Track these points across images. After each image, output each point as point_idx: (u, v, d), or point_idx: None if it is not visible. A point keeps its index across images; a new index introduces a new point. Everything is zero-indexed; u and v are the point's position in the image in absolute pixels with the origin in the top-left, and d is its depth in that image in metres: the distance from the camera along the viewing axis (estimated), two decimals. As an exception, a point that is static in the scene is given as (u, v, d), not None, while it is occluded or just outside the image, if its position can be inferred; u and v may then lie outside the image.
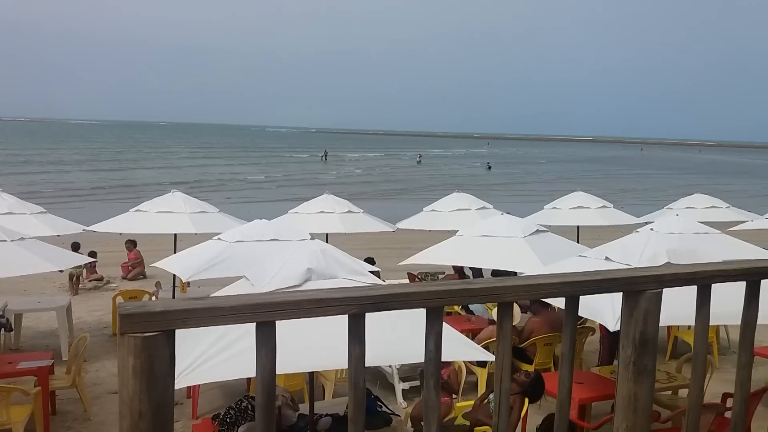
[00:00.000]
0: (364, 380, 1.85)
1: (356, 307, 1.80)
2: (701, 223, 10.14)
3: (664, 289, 2.27)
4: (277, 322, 1.70)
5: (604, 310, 5.06)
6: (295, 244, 6.97)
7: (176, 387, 3.65)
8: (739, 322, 2.50)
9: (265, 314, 1.68)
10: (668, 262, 5.50)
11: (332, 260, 4.53)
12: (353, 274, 4.49)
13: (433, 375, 1.93)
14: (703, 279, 2.37)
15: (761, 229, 13.59)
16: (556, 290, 2.13)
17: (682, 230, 9.36)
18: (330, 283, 4.37)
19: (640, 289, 2.23)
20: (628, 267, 5.52)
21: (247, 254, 6.55)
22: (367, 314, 1.80)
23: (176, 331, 1.56)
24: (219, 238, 7.28)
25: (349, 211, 10.41)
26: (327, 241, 10.99)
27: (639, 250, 5.58)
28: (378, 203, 31.85)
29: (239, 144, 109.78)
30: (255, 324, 1.68)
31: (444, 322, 2.04)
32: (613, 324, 4.80)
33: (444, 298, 1.91)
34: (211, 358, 3.60)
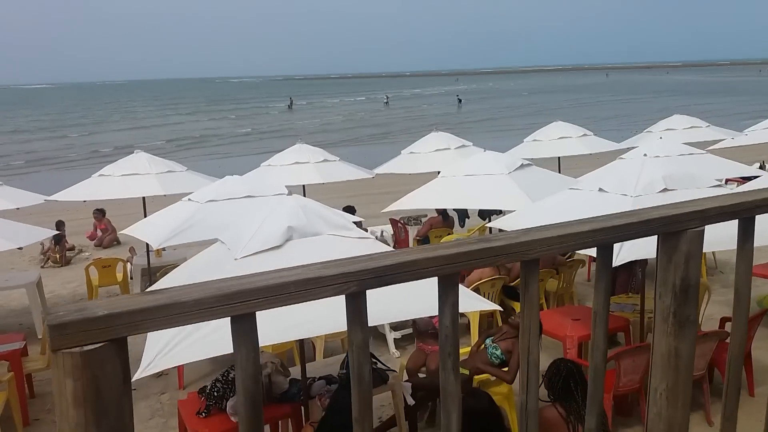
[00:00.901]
0: (370, 372, 1.52)
1: (355, 284, 1.45)
2: (684, 144, 9.98)
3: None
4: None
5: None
6: (271, 200, 6.61)
7: (150, 372, 3.38)
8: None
9: (241, 305, 1.33)
10: (665, 188, 5.25)
11: (314, 215, 4.17)
12: (338, 229, 4.14)
13: (450, 355, 1.61)
14: (746, 211, 2.06)
15: (742, 145, 13.50)
16: (588, 239, 1.79)
17: (668, 153, 9.16)
18: (314, 241, 4.03)
19: (680, 229, 1.91)
20: (662, 205, 5.30)
21: (221, 214, 6.14)
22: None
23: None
24: (189, 199, 6.84)
25: (324, 160, 9.96)
26: (304, 193, 10.68)
27: (634, 178, 5.31)
28: (352, 149, 31.24)
29: (205, 97, 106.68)
30: (229, 318, 1.33)
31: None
32: (614, 259, 4.54)
33: (460, 262, 1.57)
34: (189, 336, 3.27)
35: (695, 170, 7.87)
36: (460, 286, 4.51)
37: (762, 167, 14.15)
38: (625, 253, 4.80)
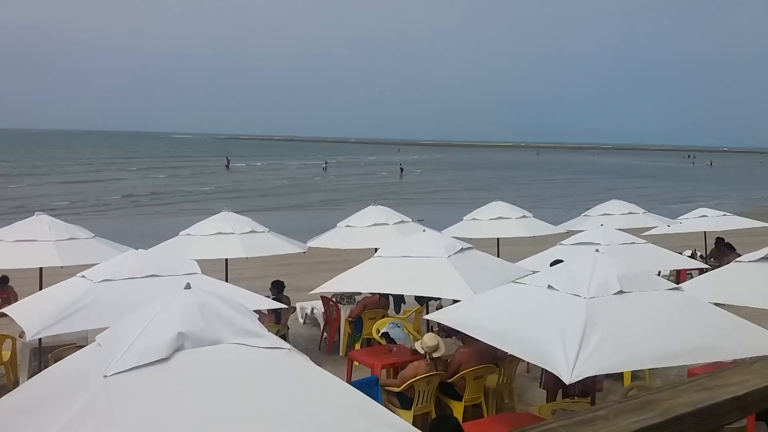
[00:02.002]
0: None
1: None
2: (620, 230, 9.80)
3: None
4: None
5: (553, 354, 4.18)
6: (178, 282, 5.77)
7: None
8: None
9: None
10: (621, 290, 4.74)
11: (214, 317, 3.38)
12: (244, 336, 3.35)
13: None
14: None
15: (678, 233, 13.59)
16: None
17: (609, 242, 8.91)
18: (212, 353, 3.23)
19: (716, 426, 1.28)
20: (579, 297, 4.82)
21: (115, 298, 5.25)
22: None
23: None
24: (83, 276, 5.90)
25: (251, 231, 9.15)
26: (226, 267, 9.81)
27: (587, 278, 4.79)
28: (285, 216, 30.33)
29: (137, 152, 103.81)
30: None
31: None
32: (569, 373, 3.92)
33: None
34: None
35: (641, 263, 7.62)
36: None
37: (693, 255, 14.25)
38: (526, 351, 4.34)
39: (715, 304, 5.80)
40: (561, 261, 6.35)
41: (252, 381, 3.13)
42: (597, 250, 5.25)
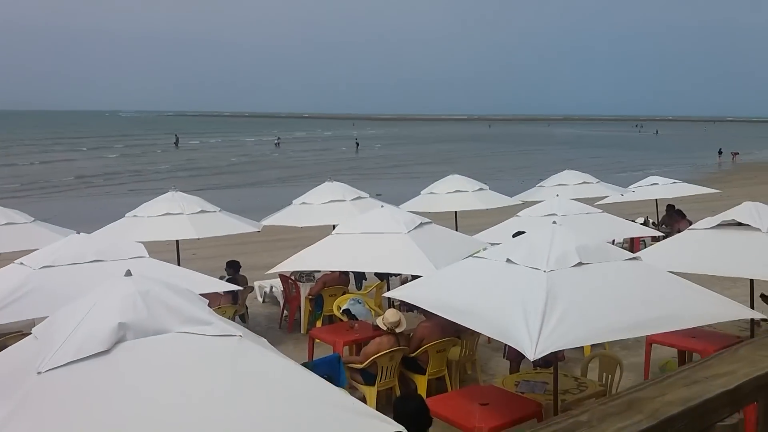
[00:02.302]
0: None
1: None
2: (575, 200, 9.87)
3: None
4: None
5: (515, 330, 4.11)
6: (122, 268, 5.47)
7: None
8: None
9: None
10: (580, 262, 4.69)
11: (158, 305, 3.15)
12: (191, 324, 3.14)
13: None
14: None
15: (630, 201, 13.82)
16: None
17: (566, 212, 8.94)
18: (157, 343, 3.01)
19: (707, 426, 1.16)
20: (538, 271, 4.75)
21: (57, 286, 4.94)
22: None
23: None
24: (21, 263, 5.54)
25: (201, 211, 8.80)
26: (177, 249, 9.46)
27: (545, 250, 4.71)
28: (238, 193, 29.67)
29: (87, 131, 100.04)
30: None
31: None
32: (532, 349, 3.85)
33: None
34: None
35: (598, 233, 7.65)
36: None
37: (645, 222, 14.55)
38: (487, 326, 4.28)
39: (671, 272, 5.88)
40: (523, 232, 6.26)
41: (200, 372, 2.93)
42: (554, 222, 5.18)
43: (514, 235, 6.35)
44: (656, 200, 14.50)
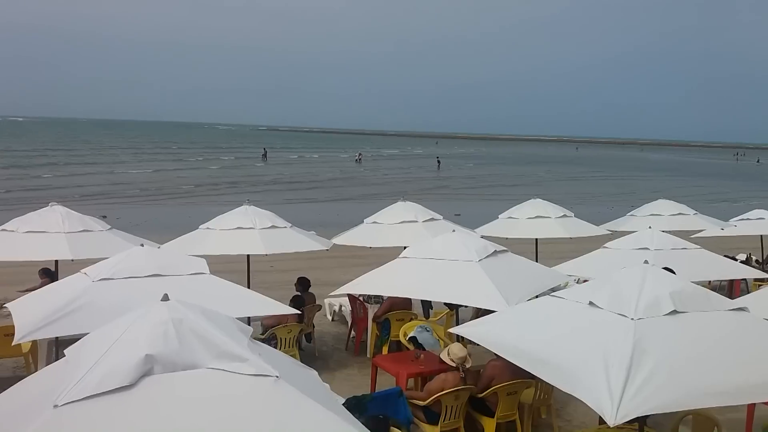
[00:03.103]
0: None
1: None
2: (668, 233, 9.03)
3: None
4: None
5: (595, 387, 3.56)
6: (183, 283, 5.34)
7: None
8: None
9: None
10: (674, 310, 4.08)
11: (191, 337, 2.89)
12: (226, 360, 2.85)
13: None
14: None
15: (731, 236, 12.67)
16: None
17: (659, 246, 8.19)
18: (186, 380, 2.74)
19: None
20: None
21: (111, 300, 4.85)
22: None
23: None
24: (85, 273, 5.53)
25: (272, 226, 8.69)
26: (248, 264, 9.40)
27: (634, 294, 4.13)
28: (316, 208, 29.92)
29: (180, 141, 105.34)
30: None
31: None
32: (613, 412, 3.31)
33: None
34: None
35: (697, 273, 6.87)
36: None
37: (748, 260, 13.28)
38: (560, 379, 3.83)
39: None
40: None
41: (227, 414, 2.63)
42: (646, 261, 4.58)
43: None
44: (761, 236, 13.22)
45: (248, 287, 9.01)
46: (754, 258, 13.44)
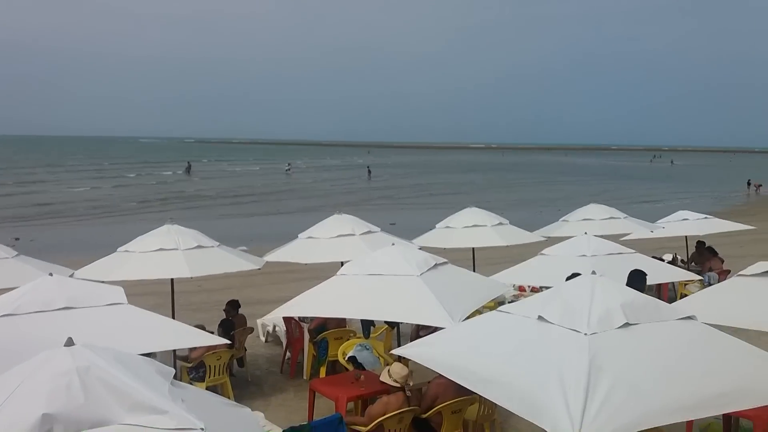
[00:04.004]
0: None
1: None
2: (601, 237, 9.10)
3: None
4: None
5: (552, 408, 3.35)
6: (98, 315, 4.81)
7: None
8: None
9: None
10: (626, 323, 3.94)
11: (100, 387, 2.46)
12: (141, 412, 2.44)
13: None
14: None
15: (659, 237, 13.01)
16: None
17: (595, 251, 8.22)
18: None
19: None
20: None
21: (13, 340, 4.26)
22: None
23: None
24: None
25: (198, 246, 8.14)
26: (172, 288, 8.80)
27: (586, 309, 3.96)
28: (244, 223, 29.00)
29: (101, 157, 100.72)
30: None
31: None
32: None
33: None
34: None
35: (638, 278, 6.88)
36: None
37: (674, 260, 13.70)
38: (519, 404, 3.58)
39: (714, 325, 5.12)
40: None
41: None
42: (594, 272, 4.43)
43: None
44: (686, 237, 13.67)
45: (173, 313, 8.50)
46: (679, 258, 13.86)
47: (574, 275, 5.55)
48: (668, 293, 12.34)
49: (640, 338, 3.81)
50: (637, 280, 6.85)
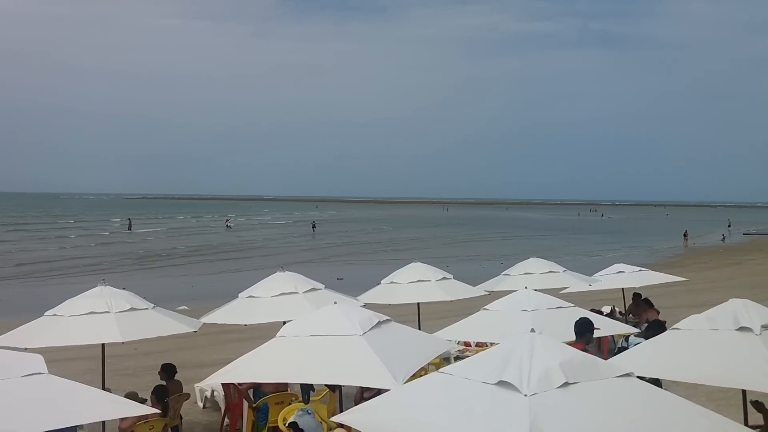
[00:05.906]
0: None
1: None
2: (540, 290, 9.24)
3: None
4: None
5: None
6: (17, 387, 4.46)
7: None
8: None
9: None
10: (566, 382, 3.91)
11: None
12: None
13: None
14: None
15: (596, 290, 13.31)
16: None
17: (536, 306, 8.29)
18: None
19: None
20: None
21: None
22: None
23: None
24: None
25: (131, 309, 7.76)
26: (103, 354, 8.34)
27: (525, 369, 3.92)
28: (184, 281, 28.18)
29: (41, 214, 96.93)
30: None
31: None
32: None
33: None
34: None
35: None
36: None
37: (612, 312, 14.02)
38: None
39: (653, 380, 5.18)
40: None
41: None
42: (533, 330, 4.43)
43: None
44: (623, 289, 14.06)
45: (102, 379, 8.03)
46: (618, 310, 14.19)
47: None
48: (608, 345, 12.55)
49: (579, 398, 3.78)
50: (586, 329, 7.14)
